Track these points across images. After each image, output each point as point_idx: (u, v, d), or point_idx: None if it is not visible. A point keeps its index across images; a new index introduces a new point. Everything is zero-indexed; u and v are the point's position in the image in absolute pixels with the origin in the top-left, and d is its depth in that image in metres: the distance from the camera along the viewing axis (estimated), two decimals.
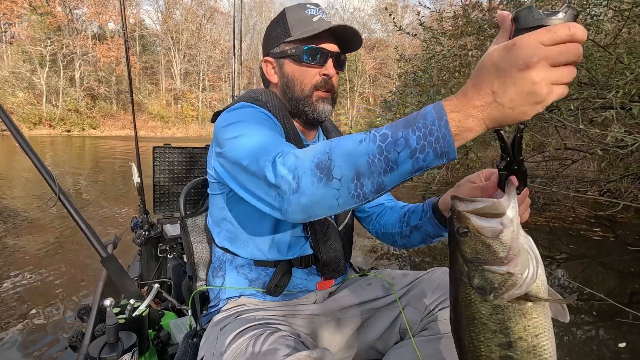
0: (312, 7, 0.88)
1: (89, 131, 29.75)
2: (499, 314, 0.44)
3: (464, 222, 0.44)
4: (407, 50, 19.09)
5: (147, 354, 1.01)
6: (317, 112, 0.88)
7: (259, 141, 0.64)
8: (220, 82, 40.48)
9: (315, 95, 0.87)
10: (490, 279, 0.43)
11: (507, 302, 0.43)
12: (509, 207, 0.42)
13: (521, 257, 0.42)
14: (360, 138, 0.50)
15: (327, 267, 0.89)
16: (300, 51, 0.85)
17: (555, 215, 4.54)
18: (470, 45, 3.97)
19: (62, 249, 2.98)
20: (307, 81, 0.87)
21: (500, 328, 0.44)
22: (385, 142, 0.47)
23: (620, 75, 2.67)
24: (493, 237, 0.42)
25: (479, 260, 0.43)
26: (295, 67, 0.87)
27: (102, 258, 1.08)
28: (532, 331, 0.43)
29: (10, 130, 1.00)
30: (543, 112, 2.73)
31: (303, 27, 0.85)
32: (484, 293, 0.44)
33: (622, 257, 3.14)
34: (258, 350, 0.66)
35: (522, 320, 0.43)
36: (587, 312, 2.17)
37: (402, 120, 0.48)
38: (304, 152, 0.56)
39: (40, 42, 29.52)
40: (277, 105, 0.89)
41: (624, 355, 1.76)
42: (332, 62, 0.87)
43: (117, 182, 6.71)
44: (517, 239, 0.42)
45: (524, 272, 0.41)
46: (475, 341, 0.47)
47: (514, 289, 0.42)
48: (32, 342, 1.71)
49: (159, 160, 1.69)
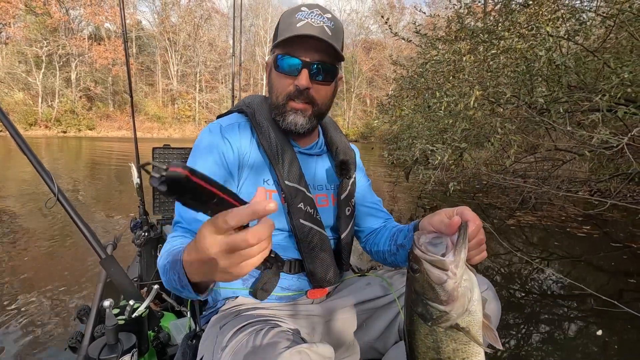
0: (304, 10, 0.81)
1: (85, 132, 29.58)
2: (433, 335, 0.53)
3: (417, 263, 0.52)
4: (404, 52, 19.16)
5: (147, 355, 1.01)
6: (286, 122, 0.85)
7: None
8: (217, 83, 40.43)
9: (289, 105, 0.84)
10: (430, 311, 0.51)
11: (441, 329, 0.51)
12: (452, 264, 0.49)
13: (459, 302, 0.50)
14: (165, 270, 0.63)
15: (313, 277, 0.88)
16: (274, 58, 0.82)
17: (546, 214, 4.63)
18: (464, 49, 4.03)
19: (61, 250, 2.98)
20: (281, 90, 0.84)
21: (434, 347, 0.53)
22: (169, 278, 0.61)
23: (607, 80, 2.75)
24: (439, 283, 0.50)
25: (424, 295, 0.52)
26: (274, 74, 0.85)
27: (102, 259, 1.07)
28: (460, 354, 0.52)
29: (9, 130, 0.98)
30: (533, 115, 2.76)
31: (285, 33, 0.80)
32: (424, 320, 0.52)
33: (607, 254, 3.24)
34: (259, 344, 0.65)
35: (452, 344, 0.52)
36: (577, 308, 2.24)
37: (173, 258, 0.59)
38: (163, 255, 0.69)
39: (36, 43, 29.36)
40: (265, 112, 0.89)
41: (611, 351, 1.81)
42: (306, 73, 0.80)
43: (114, 183, 6.71)
44: (458, 289, 0.49)
45: (458, 313, 0.50)
46: (416, 351, 0.56)
47: (448, 323, 0.50)
48: (31, 343, 1.70)
49: (158, 161, 1.68)
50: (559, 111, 3.03)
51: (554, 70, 3.22)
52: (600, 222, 4.31)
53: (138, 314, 0.98)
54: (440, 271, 0.50)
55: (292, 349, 0.60)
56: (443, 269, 0.50)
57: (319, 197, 0.93)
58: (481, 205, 5.30)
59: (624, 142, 2.20)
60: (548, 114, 3.30)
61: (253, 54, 40.73)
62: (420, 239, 0.54)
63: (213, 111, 38.48)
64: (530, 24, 3.34)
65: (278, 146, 0.85)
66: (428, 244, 0.53)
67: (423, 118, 4.70)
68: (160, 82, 37.92)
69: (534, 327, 2.01)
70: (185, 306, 1.32)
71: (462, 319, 0.50)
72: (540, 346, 1.83)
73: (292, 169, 0.86)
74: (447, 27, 4.42)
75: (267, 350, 0.62)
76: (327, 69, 0.82)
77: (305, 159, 0.94)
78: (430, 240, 0.54)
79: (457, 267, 0.49)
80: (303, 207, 0.85)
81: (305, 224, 0.85)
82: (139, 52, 37.05)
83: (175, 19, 38.49)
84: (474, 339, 0.50)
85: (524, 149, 4.89)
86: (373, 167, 11.11)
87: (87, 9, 32.07)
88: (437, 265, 0.50)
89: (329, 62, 0.82)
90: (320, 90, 0.84)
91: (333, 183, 0.97)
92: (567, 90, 3.43)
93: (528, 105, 3.45)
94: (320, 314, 0.89)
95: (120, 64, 31.89)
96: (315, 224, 0.87)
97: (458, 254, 0.49)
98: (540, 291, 2.52)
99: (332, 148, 0.97)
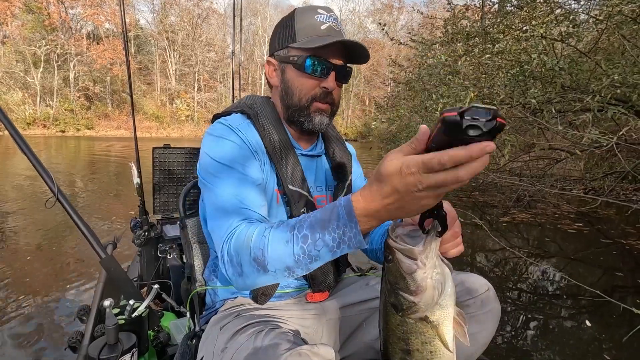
0: (323, 12, 0.83)
1: (83, 132, 29.48)
2: (404, 326, 0.55)
3: (390, 252, 0.54)
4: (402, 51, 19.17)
5: (147, 354, 1.00)
6: (313, 123, 0.86)
7: (224, 203, 0.72)
8: (215, 83, 40.36)
9: (313, 107, 0.85)
10: (401, 301, 0.53)
11: (411, 320, 0.54)
12: (422, 254, 0.51)
13: (427, 293, 0.52)
14: (287, 238, 0.58)
15: (313, 280, 0.89)
16: (302, 60, 0.81)
17: (540, 212, 4.70)
18: (460, 51, 4.07)
19: (60, 249, 2.99)
20: (306, 92, 0.84)
21: (404, 337, 0.55)
22: (306, 243, 0.55)
23: (598, 81, 2.79)
24: (408, 273, 0.52)
25: (396, 284, 0.54)
26: (296, 75, 0.84)
27: (102, 259, 1.06)
28: (427, 347, 0.54)
29: (9, 130, 0.97)
30: (527, 115, 2.82)
31: (310, 35, 0.81)
32: (396, 310, 0.55)
33: (597, 250, 3.33)
34: (259, 346, 0.65)
35: (421, 337, 0.54)
36: (567, 301, 2.30)
37: (319, 219, 0.55)
38: (246, 240, 0.63)
39: (34, 42, 29.26)
40: (269, 114, 0.88)
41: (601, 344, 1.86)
42: (334, 76, 0.83)
43: (113, 183, 6.72)
44: (427, 280, 0.51)
45: (426, 304, 0.52)
46: (386, 341, 0.59)
47: (417, 314, 0.53)
48: (31, 343, 1.69)
49: (158, 160, 1.67)
50: (551, 111, 3.08)
51: (547, 72, 3.27)
52: (594, 219, 4.38)
53: (138, 313, 0.98)
54: (410, 261, 0.51)
55: (293, 351, 0.59)
56: (412, 258, 0.51)
57: (319, 197, 0.94)
58: (477, 203, 5.36)
59: (613, 142, 2.25)
60: (541, 114, 3.34)
61: (252, 54, 40.67)
62: (396, 230, 0.56)
63: (211, 111, 38.33)
64: (524, 27, 3.39)
65: (282, 150, 0.85)
66: (405, 235, 0.55)
67: (421, 118, 4.75)
68: (159, 81, 37.83)
69: (525, 321, 2.06)
70: (185, 306, 1.31)
71: (432, 312, 0.52)
72: (530, 339, 1.88)
73: (295, 173, 0.86)
74: (444, 28, 4.47)
75: (268, 352, 0.62)
76: (349, 72, 0.88)
77: (306, 161, 0.94)
78: (408, 233, 0.56)
79: (427, 257, 0.51)
80: (305, 211, 0.85)
81: None
82: (137, 52, 36.94)
83: (174, 19, 38.40)
84: (440, 335, 0.53)
85: (518, 147, 4.95)
86: (372, 167, 11.15)
87: (87, 9, 31.94)
88: (406, 255, 0.52)
89: (346, 64, 0.87)
90: (339, 92, 0.89)
91: (331, 184, 0.98)
92: (561, 91, 3.48)
93: (522, 105, 3.50)
94: (320, 314, 0.89)
95: (120, 63, 31.78)
96: None
97: (428, 244, 0.51)
98: (531, 285, 2.57)
99: (329, 149, 0.99)
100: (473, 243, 3.45)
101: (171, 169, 1.67)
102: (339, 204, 0.53)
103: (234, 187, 0.74)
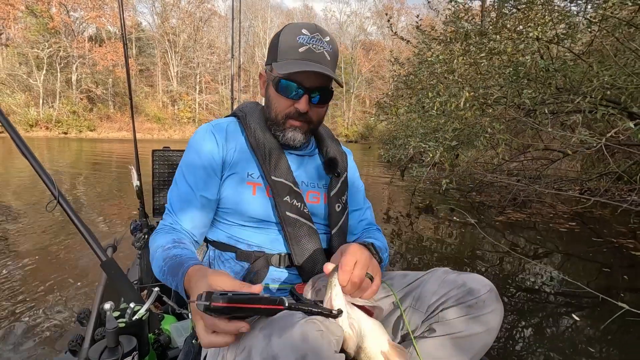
0: (305, 34, 0.84)
1: (86, 133, 29.64)
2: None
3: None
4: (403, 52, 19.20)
5: (147, 357, 1.00)
6: (286, 138, 0.91)
7: (172, 198, 0.93)
8: (217, 85, 40.48)
9: (288, 123, 0.90)
10: None
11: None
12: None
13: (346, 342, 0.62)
14: (160, 264, 0.78)
15: (301, 270, 0.88)
16: (277, 82, 0.86)
17: (535, 211, 4.76)
18: (457, 51, 4.11)
19: (60, 252, 2.98)
20: (281, 110, 0.89)
21: None
22: (164, 274, 0.77)
23: (590, 82, 2.83)
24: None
25: None
26: (274, 93, 0.89)
27: (102, 262, 1.06)
28: None
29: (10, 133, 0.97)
30: (520, 115, 2.87)
31: (289, 57, 0.84)
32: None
33: (590, 249, 3.38)
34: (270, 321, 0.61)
35: None
36: (560, 298, 2.35)
37: (174, 267, 0.74)
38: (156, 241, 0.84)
39: (37, 45, 29.45)
40: (256, 117, 0.96)
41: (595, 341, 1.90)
42: (307, 99, 0.86)
43: (114, 185, 6.78)
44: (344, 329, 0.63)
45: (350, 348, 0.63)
46: None
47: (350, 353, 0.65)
48: (31, 346, 1.68)
49: (158, 163, 1.66)
50: (544, 112, 3.11)
51: (541, 73, 3.31)
52: (588, 219, 4.43)
53: (138, 316, 0.98)
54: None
55: (308, 319, 0.58)
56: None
57: (311, 194, 0.96)
58: (473, 203, 5.41)
59: (602, 143, 2.28)
60: (534, 115, 3.38)
61: (252, 55, 40.78)
62: (317, 282, 0.71)
63: (213, 112, 38.50)
64: (519, 28, 3.42)
65: (265, 145, 0.91)
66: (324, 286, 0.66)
67: (419, 117, 4.80)
68: (160, 83, 37.99)
69: (520, 319, 2.11)
70: (185, 308, 1.31)
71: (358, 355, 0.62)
72: (525, 338, 1.92)
73: (279, 165, 0.90)
74: (444, 27, 4.52)
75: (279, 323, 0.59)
76: (325, 94, 0.89)
77: (296, 158, 0.97)
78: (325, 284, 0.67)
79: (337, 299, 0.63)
80: (289, 200, 0.88)
81: (292, 216, 0.87)
82: (139, 54, 37.13)
83: (175, 21, 38.54)
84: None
85: (514, 147, 4.99)
86: (372, 166, 11.18)
87: (88, 12, 32.11)
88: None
89: (326, 86, 0.88)
90: (317, 111, 0.92)
91: (325, 181, 1.00)
92: (555, 92, 3.52)
93: (517, 105, 3.54)
94: None
95: (122, 65, 31.91)
96: (302, 216, 0.88)
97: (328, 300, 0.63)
98: (524, 283, 2.62)
99: (322, 149, 1.02)
100: (468, 242, 3.50)
101: (171, 171, 1.67)
102: (184, 270, 0.70)
103: (180, 195, 0.91)
